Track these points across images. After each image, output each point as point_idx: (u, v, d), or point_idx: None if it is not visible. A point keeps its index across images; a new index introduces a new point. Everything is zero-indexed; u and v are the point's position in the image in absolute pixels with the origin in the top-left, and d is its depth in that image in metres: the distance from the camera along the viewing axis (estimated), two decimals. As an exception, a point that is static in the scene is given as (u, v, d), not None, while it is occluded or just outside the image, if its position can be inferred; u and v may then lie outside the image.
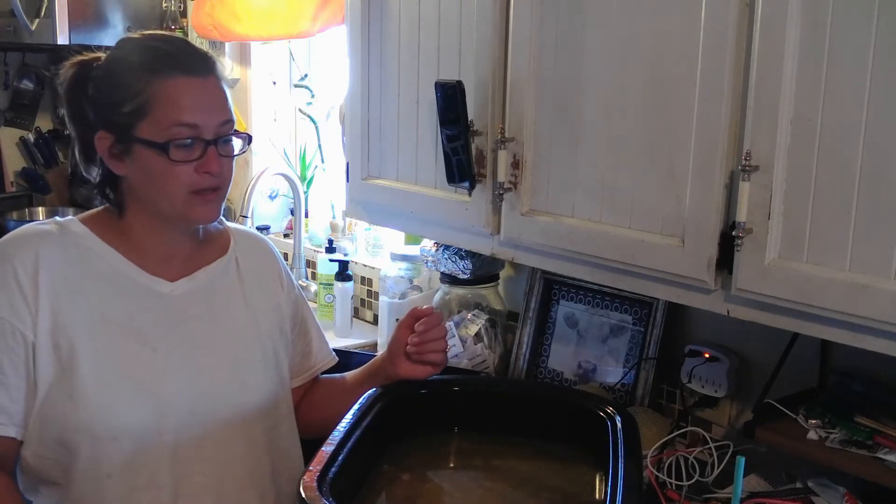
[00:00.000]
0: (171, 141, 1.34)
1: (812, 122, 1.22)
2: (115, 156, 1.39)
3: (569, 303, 2.13)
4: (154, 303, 1.43)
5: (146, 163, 1.36)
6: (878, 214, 1.18)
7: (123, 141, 1.37)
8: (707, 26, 1.32)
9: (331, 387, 1.69)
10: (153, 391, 1.39)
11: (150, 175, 1.37)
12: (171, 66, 1.36)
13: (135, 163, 1.38)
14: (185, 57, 1.38)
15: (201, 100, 1.37)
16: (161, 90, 1.34)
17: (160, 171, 1.36)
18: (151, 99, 1.34)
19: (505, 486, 1.58)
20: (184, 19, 3.17)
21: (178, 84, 1.35)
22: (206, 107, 1.38)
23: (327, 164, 2.99)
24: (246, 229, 1.69)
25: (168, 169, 1.35)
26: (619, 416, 1.56)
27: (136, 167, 1.38)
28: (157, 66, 1.35)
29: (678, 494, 1.59)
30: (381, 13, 1.88)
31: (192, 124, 1.35)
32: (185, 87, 1.36)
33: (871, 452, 1.44)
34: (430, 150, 1.81)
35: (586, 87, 1.51)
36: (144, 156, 1.36)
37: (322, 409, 1.65)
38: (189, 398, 1.42)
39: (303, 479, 1.34)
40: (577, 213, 1.56)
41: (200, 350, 1.45)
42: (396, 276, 2.38)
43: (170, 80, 1.35)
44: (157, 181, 1.37)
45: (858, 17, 1.16)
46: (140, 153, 1.37)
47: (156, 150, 1.35)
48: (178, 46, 1.41)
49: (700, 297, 1.41)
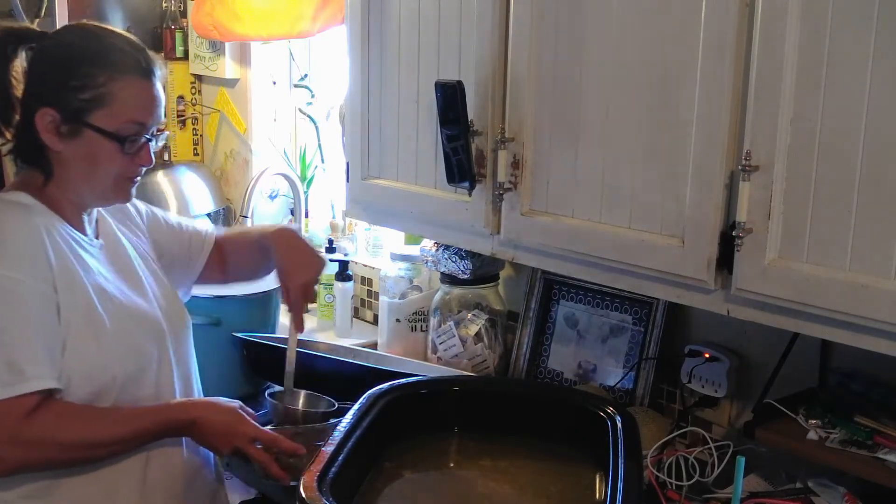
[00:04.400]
0: (126, 136, 1.49)
1: (812, 122, 1.22)
2: (59, 134, 1.48)
3: (569, 303, 2.13)
4: (100, 256, 1.57)
5: (93, 148, 1.49)
6: (878, 214, 1.18)
7: (72, 122, 1.48)
8: (707, 26, 1.32)
9: (234, 243, 1.86)
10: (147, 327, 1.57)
11: (94, 159, 1.49)
12: (131, 67, 1.49)
13: (79, 146, 1.49)
14: (144, 60, 1.52)
15: (150, 101, 1.52)
16: (120, 88, 1.47)
17: (105, 157, 1.49)
18: (112, 93, 1.47)
19: (505, 485, 1.58)
20: (184, 19, 3.17)
21: (135, 85, 1.49)
22: (153, 108, 1.52)
23: (327, 164, 2.98)
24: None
25: (114, 158, 1.49)
26: (619, 416, 1.56)
27: (78, 149, 1.49)
28: (118, 64, 1.48)
29: (678, 494, 1.59)
30: (381, 13, 1.88)
31: (141, 122, 1.50)
32: (141, 89, 1.50)
33: (871, 452, 1.44)
34: (430, 150, 1.81)
35: (586, 87, 1.51)
36: (94, 141, 1.48)
37: (240, 262, 1.85)
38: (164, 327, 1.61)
39: (303, 478, 1.34)
40: (577, 213, 1.56)
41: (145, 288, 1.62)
42: (396, 276, 2.37)
43: (128, 80, 1.48)
44: (99, 166, 1.50)
45: (858, 18, 1.16)
46: (89, 138, 1.48)
47: (109, 139, 1.48)
48: (136, 48, 1.53)
49: (700, 297, 1.41)
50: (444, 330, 2.19)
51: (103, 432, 1.46)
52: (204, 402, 1.60)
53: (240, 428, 1.53)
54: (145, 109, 1.50)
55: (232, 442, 1.52)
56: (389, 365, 2.14)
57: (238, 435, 1.52)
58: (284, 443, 1.53)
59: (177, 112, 3.21)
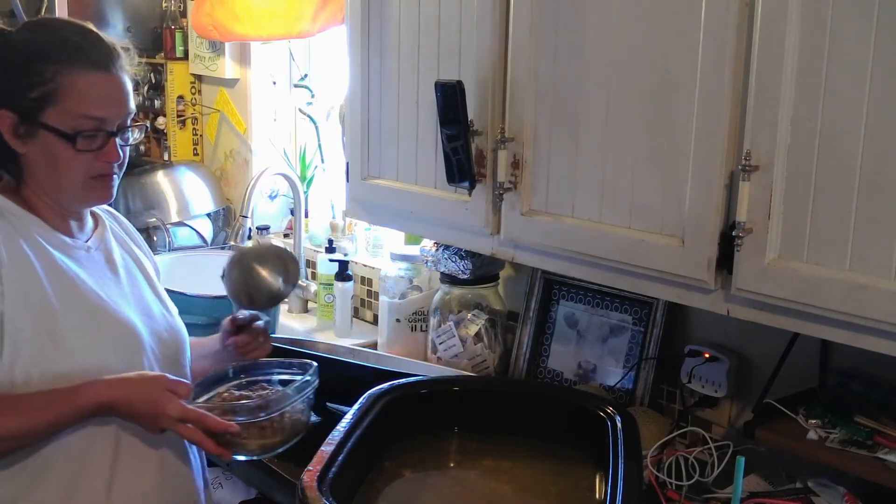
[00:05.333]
0: (79, 132, 1.42)
1: (812, 122, 1.22)
2: (18, 135, 1.45)
3: (569, 303, 2.13)
4: (87, 258, 1.52)
5: (50, 147, 1.44)
6: (878, 214, 1.18)
7: (27, 123, 1.43)
8: (707, 26, 1.32)
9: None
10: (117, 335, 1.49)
11: (54, 159, 1.44)
12: (80, 59, 1.43)
13: (38, 146, 1.44)
14: (93, 51, 1.44)
15: (107, 94, 1.45)
16: (70, 82, 1.42)
17: (63, 157, 1.44)
18: (60, 89, 1.41)
19: (505, 485, 1.58)
20: (184, 19, 3.17)
21: (86, 78, 1.43)
22: (111, 101, 1.45)
23: (327, 164, 2.98)
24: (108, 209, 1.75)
25: (71, 156, 1.44)
26: (619, 416, 1.56)
27: (38, 150, 1.45)
28: (65, 58, 1.42)
29: (678, 494, 1.59)
30: (381, 13, 1.88)
31: (97, 117, 1.44)
32: (93, 82, 1.43)
33: (871, 452, 1.44)
34: (430, 150, 1.81)
35: (586, 87, 1.51)
36: (49, 141, 1.43)
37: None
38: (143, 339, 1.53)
39: (303, 478, 1.34)
40: (577, 213, 1.56)
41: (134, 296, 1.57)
42: (396, 276, 2.38)
43: (79, 74, 1.42)
44: (60, 166, 1.45)
45: (858, 17, 1.16)
46: (45, 138, 1.43)
47: (62, 138, 1.42)
48: (88, 39, 1.46)
49: (700, 297, 1.41)
50: (444, 330, 2.19)
51: (6, 424, 1.36)
52: (122, 380, 1.43)
53: (164, 407, 1.39)
54: (100, 103, 1.43)
55: (157, 423, 1.41)
56: (389, 365, 2.14)
57: (162, 416, 1.40)
58: (212, 421, 1.40)
59: (177, 112, 3.21)
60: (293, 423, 1.47)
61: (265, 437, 1.45)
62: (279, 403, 1.45)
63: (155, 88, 3.30)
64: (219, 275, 1.68)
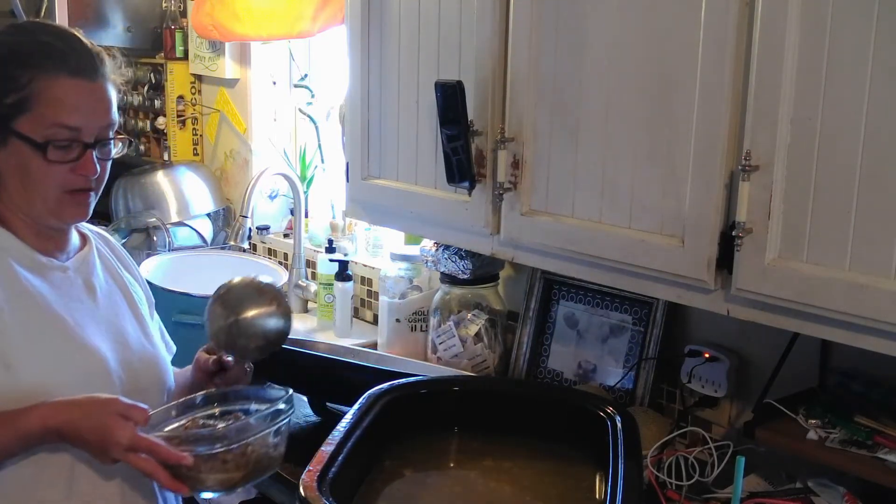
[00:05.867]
0: (50, 141, 1.34)
1: (812, 122, 1.22)
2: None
3: (569, 303, 2.13)
4: (60, 279, 1.43)
5: (22, 158, 1.35)
6: (878, 214, 1.18)
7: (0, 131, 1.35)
8: (707, 26, 1.32)
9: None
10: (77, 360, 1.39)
11: (25, 171, 1.36)
12: (59, 65, 1.34)
13: (10, 156, 1.36)
14: (74, 57, 1.36)
15: (85, 103, 1.36)
16: (45, 88, 1.33)
17: (35, 167, 1.35)
18: (34, 95, 1.33)
19: (506, 485, 1.58)
20: (184, 19, 3.17)
21: (63, 85, 1.34)
22: (89, 110, 1.36)
23: (327, 164, 2.98)
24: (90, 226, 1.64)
25: (43, 167, 1.35)
26: (619, 416, 1.56)
27: (11, 160, 1.37)
28: (43, 63, 1.34)
29: (678, 494, 1.59)
30: (381, 13, 1.88)
31: (72, 126, 1.35)
32: (70, 89, 1.34)
33: (871, 452, 1.44)
34: (430, 150, 1.81)
35: (586, 87, 1.51)
36: (21, 151, 1.35)
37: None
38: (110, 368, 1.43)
39: (303, 478, 1.34)
40: (577, 213, 1.56)
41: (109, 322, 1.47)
42: (396, 276, 2.37)
43: (55, 80, 1.34)
44: (32, 177, 1.36)
45: (858, 17, 1.16)
46: (16, 147, 1.35)
47: (32, 147, 1.34)
48: (69, 44, 1.38)
49: (700, 297, 1.41)
50: (444, 330, 2.19)
51: None
52: (69, 403, 1.29)
53: (113, 435, 1.25)
54: (76, 111, 1.34)
55: (107, 452, 1.26)
56: (389, 365, 2.14)
57: (111, 444, 1.25)
58: (164, 452, 1.25)
59: (177, 112, 3.21)
60: (258, 458, 1.31)
61: (226, 472, 1.29)
62: (241, 434, 1.29)
63: (155, 88, 3.30)
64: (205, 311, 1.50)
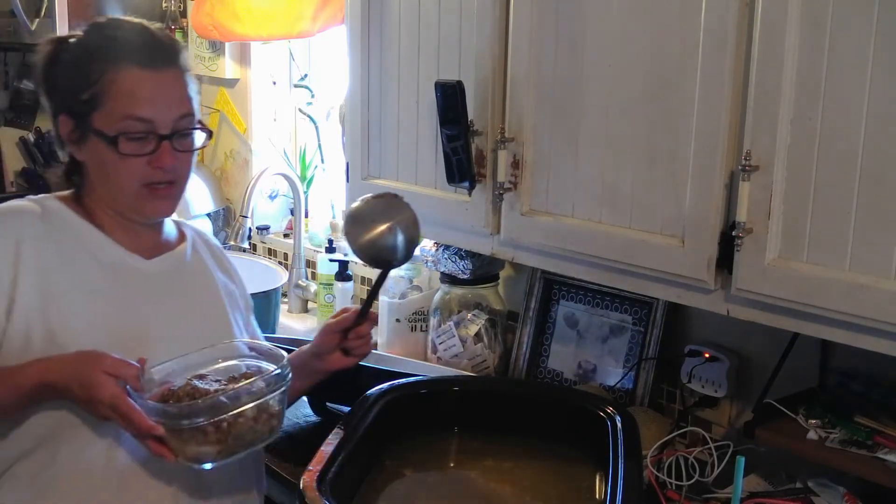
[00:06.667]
0: (122, 134, 1.34)
1: (812, 122, 1.22)
2: (73, 142, 1.39)
3: (569, 303, 2.13)
4: (137, 277, 1.43)
5: (99, 153, 1.37)
6: (878, 214, 1.18)
7: (80, 128, 1.37)
8: (707, 26, 1.32)
9: None
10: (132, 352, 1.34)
11: (103, 165, 1.37)
12: (128, 56, 1.34)
13: (91, 152, 1.38)
14: (144, 48, 1.36)
15: (157, 93, 1.35)
16: (115, 81, 1.34)
17: (111, 162, 1.36)
18: (106, 90, 1.34)
19: (506, 485, 1.58)
20: (184, 19, 3.17)
21: (133, 76, 1.34)
22: (162, 101, 1.35)
23: (327, 164, 2.98)
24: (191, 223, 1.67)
25: (117, 161, 1.35)
26: (619, 416, 1.56)
27: (92, 156, 1.39)
28: (113, 56, 1.34)
29: (678, 494, 1.59)
30: (381, 13, 1.88)
31: (144, 118, 1.34)
32: (140, 80, 1.34)
33: (871, 452, 1.44)
34: (430, 150, 1.81)
35: (586, 87, 1.51)
36: (98, 146, 1.36)
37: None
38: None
39: (303, 478, 1.34)
40: (577, 213, 1.56)
41: (183, 323, 1.46)
42: (396, 275, 2.37)
43: (124, 72, 1.34)
44: (110, 172, 1.37)
45: (858, 17, 1.16)
46: (94, 143, 1.37)
47: (106, 141, 1.35)
48: (140, 35, 1.39)
49: (700, 297, 1.41)
50: (444, 330, 2.19)
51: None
52: (59, 359, 1.28)
53: (97, 393, 1.22)
54: (147, 103, 1.33)
55: (95, 410, 1.25)
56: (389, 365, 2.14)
57: (95, 402, 1.23)
58: (136, 419, 1.23)
59: (177, 112, 3.21)
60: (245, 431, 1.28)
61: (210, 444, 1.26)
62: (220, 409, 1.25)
63: (155, 88, 3.29)
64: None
